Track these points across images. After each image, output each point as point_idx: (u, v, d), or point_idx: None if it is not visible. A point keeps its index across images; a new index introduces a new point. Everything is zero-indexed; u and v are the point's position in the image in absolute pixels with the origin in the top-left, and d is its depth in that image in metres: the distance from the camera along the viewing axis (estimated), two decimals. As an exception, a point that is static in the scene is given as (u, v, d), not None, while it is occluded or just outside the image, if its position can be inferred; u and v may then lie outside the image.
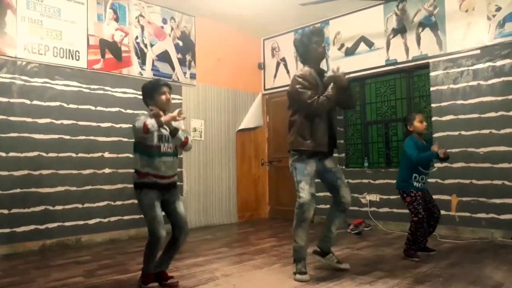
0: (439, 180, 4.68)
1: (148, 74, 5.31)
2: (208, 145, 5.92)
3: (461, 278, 3.00)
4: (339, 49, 5.77)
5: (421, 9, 5.05)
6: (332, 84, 3.09)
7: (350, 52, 5.70)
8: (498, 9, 4.47)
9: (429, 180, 3.86)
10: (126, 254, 4.02)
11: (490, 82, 4.52)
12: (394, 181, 5.07)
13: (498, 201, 4.38)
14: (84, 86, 4.75)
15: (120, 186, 4.91)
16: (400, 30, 5.24)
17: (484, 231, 4.45)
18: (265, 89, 6.78)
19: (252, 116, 6.32)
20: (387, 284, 2.89)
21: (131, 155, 5.01)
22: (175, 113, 2.81)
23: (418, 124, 3.71)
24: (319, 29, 3.47)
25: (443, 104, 4.81)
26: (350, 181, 5.58)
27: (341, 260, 3.36)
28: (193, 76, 5.88)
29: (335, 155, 3.85)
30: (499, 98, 4.44)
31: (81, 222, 4.61)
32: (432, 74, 4.95)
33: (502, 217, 4.35)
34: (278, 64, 6.62)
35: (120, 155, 4.95)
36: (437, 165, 4.65)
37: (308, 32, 3.29)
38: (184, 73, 5.79)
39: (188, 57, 5.86)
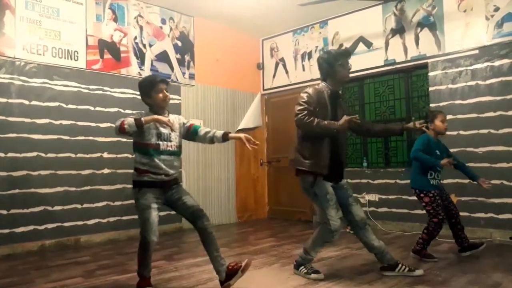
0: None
1: (147, 74, 5.30)
2: (207, 146, 5.91)
3: (459, 277, 3.01)
4: (338, 49, 5.77)
5: (419, 9, 5.06)
6: (347, 118, 2.92)
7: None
8: (497, 9, 4.48)
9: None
10: (125, 255, 4.02)
11: (488, 82, 4.53)
12: (393, 181, 5.17)
13: (496, 200, 4.39)
14: (83, 87, 4.75)
15: (119, 186, 4.91)
16: (399, 30, 5.24)
17: (483, 230, 4.46)
18: (264, 89, 6.78)
19: (251, 117, 6.31)
20: (386, 284, 2.90)
21: (130, 155, 5.04)
22: (162, 117, 2.70)
23: (439, 123, 3.63)
24: (348, 51, 3.33)
25: (441, 104, 4.82)
26: (349, 180, 5.58)
27: (413, 267, 3.17)
28: (192, 76, 5.88)
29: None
30: (498, 98, 4.45)
31: (80, 223, 4.61)
32: (430, 74, 4.96)
33: (501, 216, 4.36)
34: (277, 64, 6.62)
35: (119, 155, 4.95)
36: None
37: (334, 52, 3.19)
38: (183, 73, 5.79)
39: (187, 57, 5.86)
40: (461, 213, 4.55)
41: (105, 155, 4.87)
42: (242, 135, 2.88)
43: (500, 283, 2.85)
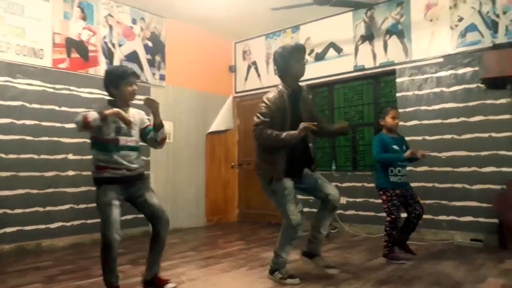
0: (403, 184, 4.79)
1: None
2: (177, 148, 5.84)
3: (422, 278, 3.09)
4: (309, 54, 5.81)
5: (388, 17, 5.19)
6: (303, 126, 2.89)
7: (319, 57, 5.77)
8: (460, 19, 4.65)
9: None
10: (89, 259, 3.90)
11: (452, 89, 4.69)
12: (361, 184, 5.26)
13: (458, 203, 4.54)
14: (48, 86, 4.60)
15: (84, 188, 4.76)
16: (368, 37, 5.36)
17: (445, 233, 4.59)
18: (236, 92, 6.77)
19: (222, 119, 6.28)
20: (351, 286, 2.94)
21: (96, 157, 4.92)
22: (124, 113, 2.61)
23: (389, 120, 3.72)
24: (301, 45, 3.30)
25: (408, 109, 4.95)
26: (319, 184, 5.64)
27: (329, 265, 3.28)
28: (162, 78, 5.80)
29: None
30: (461, 105, 4.61)
31: (42, 226, 4.44)
32: (398, 80, 5.09)
33: (462, 219, 4.51)
34: (249, 68, 6.63)
35: (84, 157, 4.79)
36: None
37: (289, 47, 3.19)
38: (153, 74, 5.71)
39: (157, 58, 5.78)
40: (425, 216, 4.66)
41: (70, 156, 4.72)
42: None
43: (461, 284, 2.94)
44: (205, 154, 6.19)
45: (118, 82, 2.72)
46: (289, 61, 3.10)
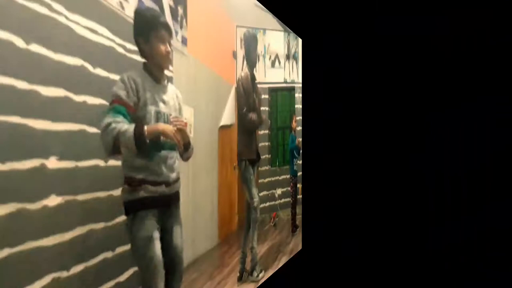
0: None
1: (131, 5, 2.45)
2: (197, 146, 4.10)
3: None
4: (269, 59, 6.03)
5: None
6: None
7: (273, 64, 6.12)
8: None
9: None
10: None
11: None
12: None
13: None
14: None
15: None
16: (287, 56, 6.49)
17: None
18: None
19: (229, 111, 4.81)
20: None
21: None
22: (170, 128, 1.87)
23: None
24: (255, 34, 3.57)
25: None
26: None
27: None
28: (184, 42, 3.94)
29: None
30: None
31: None
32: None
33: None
34: (244, 58, 5.32)
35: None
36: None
37: (247, 33, 3.49)
38: (176, 33, 3.82)
39: (180, 10, 3.87)
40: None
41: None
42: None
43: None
44: (218, 154, 4.60)
45: (148, 31, 1.90)
46: (250, 47, 3.48)
